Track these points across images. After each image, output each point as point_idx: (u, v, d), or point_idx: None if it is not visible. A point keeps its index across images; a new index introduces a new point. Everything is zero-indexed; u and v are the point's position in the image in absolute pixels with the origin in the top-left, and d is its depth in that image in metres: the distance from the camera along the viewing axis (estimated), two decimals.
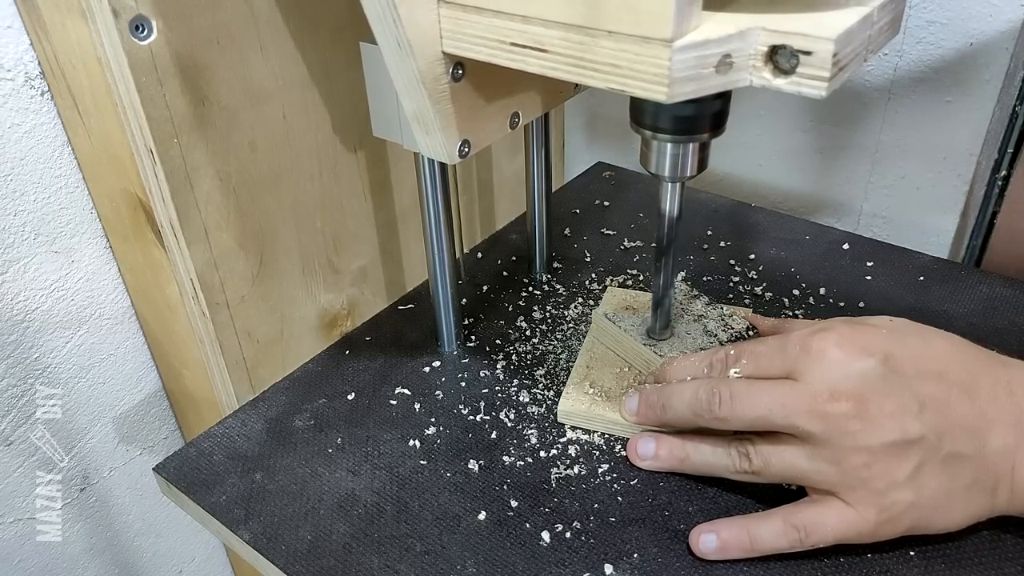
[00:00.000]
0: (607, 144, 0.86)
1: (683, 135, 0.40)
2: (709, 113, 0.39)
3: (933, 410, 0.36)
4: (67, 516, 0.61)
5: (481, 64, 0.36)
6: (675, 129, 0.40)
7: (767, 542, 0.38)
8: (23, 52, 0.48)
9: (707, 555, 0.39)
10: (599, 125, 0.86)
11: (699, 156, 0.41)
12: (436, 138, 0.39)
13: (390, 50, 0.36)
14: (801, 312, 0.56)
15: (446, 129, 0.39)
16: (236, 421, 0.49)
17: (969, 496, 0.37)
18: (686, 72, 0.30)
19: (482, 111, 0.41)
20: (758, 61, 0.31)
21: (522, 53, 0.34)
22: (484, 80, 0.40)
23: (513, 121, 0.44)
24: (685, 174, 0.42)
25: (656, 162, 0.42)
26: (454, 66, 0.38)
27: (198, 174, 0.47)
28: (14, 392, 0.54)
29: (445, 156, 0.40)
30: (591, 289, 0.59)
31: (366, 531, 0.41)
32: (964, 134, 0.64)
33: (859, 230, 0.72)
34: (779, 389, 0.38)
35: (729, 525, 0.39)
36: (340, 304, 0.60)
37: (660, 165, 0.42)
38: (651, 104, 0.39)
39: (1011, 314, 0.54)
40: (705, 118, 0.39)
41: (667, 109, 0.39)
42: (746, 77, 0.32)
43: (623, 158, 0.82)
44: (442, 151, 0.40)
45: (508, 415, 0.48)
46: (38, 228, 0.52)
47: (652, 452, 0.43)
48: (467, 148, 0.41)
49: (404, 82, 0.37)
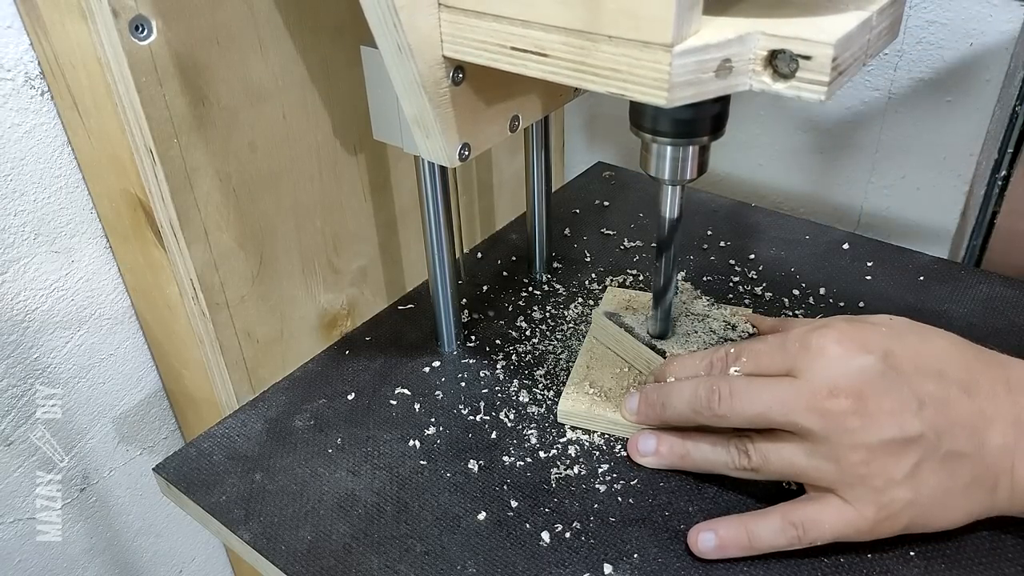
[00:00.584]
0: (607, 144, 0.86)
1: (683, 138, 0.40)
2: (708, 116, 0.39)
3: (932, 408, 0.36)
4: (67, 516, 0.61)
5: (481, 68, 0.36)
6: (675, 132, 0.40)
7: (766, 540, 0.38)
8: (23, 52, 0.48)
9: (706, 554, 0.39)
10: (599, 125, 0.86)
11: (699, 159, 0.41)
12: (436, 141, 0.39)
13: (390, 54, 0.36)
14: (801, 312, 0.56)
15: (446, 132, 0.39)
16: (236, 421, 0.49)
17: (968, 494, 0.37)
18: (686, 76, 0.30)
19: (482, 114, 0.41)
20: (758, 65, 0.31)
21: (522, 57, 0.34)
22: (484, 84, 0.40)
23: (513, 124, 0.44)
24: (685, 177, 0.42)
25: (656, 165, 0.42)
26: (454, 70, 0.38)
27: (198, 174, 0.47)
28: (14, 392, 0.54)
29: (445, 159, 0.40)
30: (591, 289, 0.59)
31: (366, 531, 0.41)
32: (964, 134, 0.64)
33: (859, 230, 0.72)
34: (778, 386, 0.38)
35: (727, 523, 0.39)
36: (340, 304, 0.60)
37: (660, 168, 0.42)
38: (651, 107, 0.39)
39: (1011, 314, 0.54)
40: (704, 121, 0.39)
41: (666, 113, 0.39)
42: (746, 81, 0.32)
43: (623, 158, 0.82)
44: (442, 154, 0.40)
45: (508, 415, 0.48)
46: (38, 228, 0.52)
47: (653, 448, 0.43)
48: (467, 151, 0.41)
49: (404, 86, 0.37)
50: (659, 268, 0.47)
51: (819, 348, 0.38)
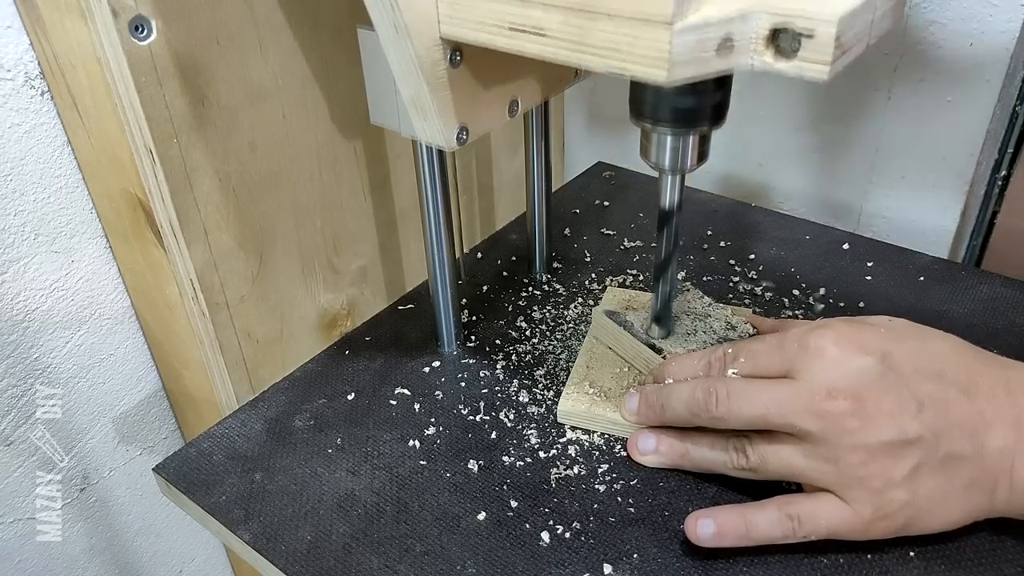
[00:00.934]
0: (607, 144, 0.86)
1: (683, 126, 0.39)
2: (709, 104, 0.38)
3: (931, 410, 0.36)
4: (67, 516, 0.61)
5: (479, 49, 0.36)
6: (675, 120, 0.39)
7: (762, 530, 0.38)
8: (23, 52, 0.48)
9: (703, 541, 0.38)
10: (599, 125, 0.86)
11: (700, 148, 0.41)
12: (434, 124, 0.39)
13: (387, 35, 0.36)
14: (801, 312, 0.56)
15: (444, 115, 0.39)
16: (236, 421, 0.49)
17: (966, 496, 0.37)
18: (686, 54, 0.30)
19: (480, 97, 0.40)
20: (760, 44, 0.30)
21: (521, 37, 0.33)
22: (482, 65, 0.39)
23: (512, 108, 0.43)
24: (685, 166, 0.41)
25: (656, 154, 0.41)
26: (452, 51, 0.37)
27: (198, 174, 0.47)
28: (14, 392, 0.54)
29: (443, 142, 0.40)
30: (591, 289, 0.59)
31: (366, 531, 0.41)
32: (964, 134, 0.63)
33: (859, 230, 0.72)
34: (776, 388, 0.38)
35: (726, 512, 0.39)
36: (340, 304, 0.60)
37: (660, 157, 0.41)
38: (651, 95, 0.39)
39: (1011, 314, 0.54)
40: (705, 109, 0.39)
41: (667, 100, 0.38)
42: (747, 60, 0.31)
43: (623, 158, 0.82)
44: (440, 137, 0.39)
45: (508, 415, 0.48)
46: (38, 228, 0.52)
47: (652, 447, 0.43)
48: (465, 135, 0.40)
49: (402, 67, 0.37)
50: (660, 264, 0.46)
51: (817, 349, 0.38)
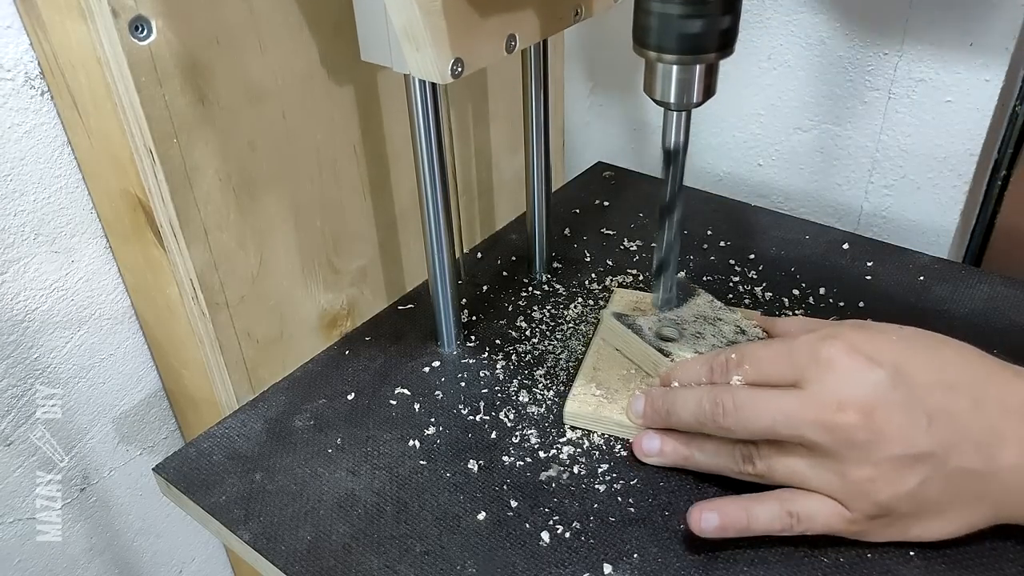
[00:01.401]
0: (607, 144, 0.86)
1: (689, 55, 0.38)
2: (717, 30, 0.37)
3: (942, 423, 0.36)
4: (67, 516, 0.61)
5: None
6: (681, 48, 0.38)
7: (762, 523, 0.38)
8: (23, 52, 0.48)
9: (706, 533, 0.38)
10: (599, 125, 0.86)
11: (705, 81, 0.39)
12: (427, 55, 0.37)
13: None
14: (801, 312, 0.56)
15: (437, 45, 0.37)
16: (236, 421, 0.49)
17: (972, 508, 0.36)
18: None
19: (476, 28, 0.39)
20: None
21: None
22: None
23: (510, 44, 0.42)
24: (691, 100, 0.40)
25: (661, 88, 0.40)
26: None
27: (198, 174, 0.47)
28: (14, 392, 0.54)
29: (437, 75, 0.38)
30: (591, 289, 0.59)
31: (366, 531, 0.41)
32: (964, 134, 0.63)
33: (859, 230, 0.72)
34: (785, 399, 0.38)
35: (729, 504, 0.39)
36: (340, 304, 0.60)
37: (665, 91, 0.40)
38: (657, 21, 0.37)
39: (1011, 314, 0.54)
40: (712, 35, 0.37)
41: (673, 25, 0.37)
42: None
43: (623, 158, 0.82)
44: (433, 70, 0.38)
45: (508, 415, 0.48)
46: (38, 228, 0.52)
47: (657, 449, 0.43)
48: (460, 67, 0.39)
49: None
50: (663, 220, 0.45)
51: (828, 360, 0.37)
